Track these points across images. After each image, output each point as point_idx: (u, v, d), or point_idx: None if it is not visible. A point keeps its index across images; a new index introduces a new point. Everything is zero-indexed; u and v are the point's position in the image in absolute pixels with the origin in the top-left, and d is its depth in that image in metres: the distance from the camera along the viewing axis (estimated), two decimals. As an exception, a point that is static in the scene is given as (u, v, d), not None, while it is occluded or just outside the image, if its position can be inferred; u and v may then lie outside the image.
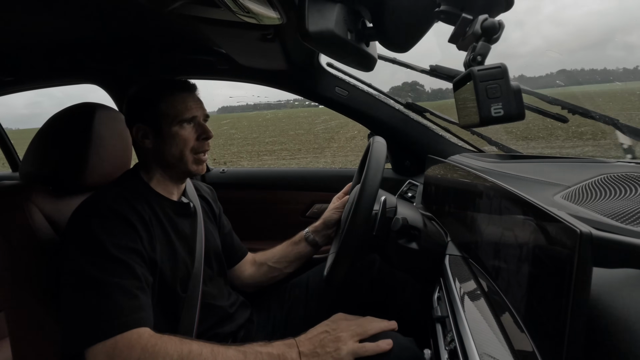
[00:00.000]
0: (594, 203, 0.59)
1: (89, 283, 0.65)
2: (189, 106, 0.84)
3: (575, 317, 0.34)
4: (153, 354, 0.62)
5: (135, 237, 0.72)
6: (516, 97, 0.47)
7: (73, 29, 1.00)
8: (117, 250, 0.68)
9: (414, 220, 0.78)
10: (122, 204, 0.75)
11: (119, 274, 0.67)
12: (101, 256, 0.67)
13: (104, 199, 0.75)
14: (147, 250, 0.74)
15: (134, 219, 0.74)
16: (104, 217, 0.71)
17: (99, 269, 0.66)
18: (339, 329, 0.72)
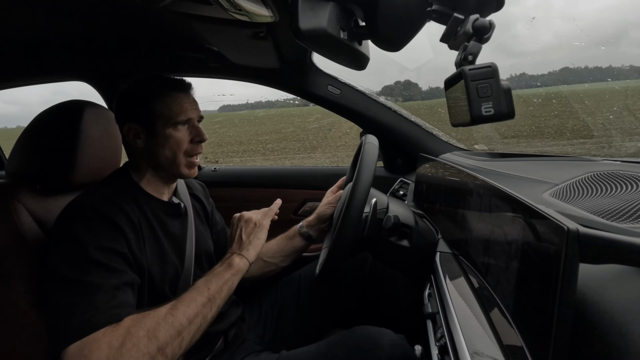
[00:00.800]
0: (581, 200, 0.61)
1: (69, 285, 0.64)
2: (184, 107, 0.82)
3: (562, 312, 0.35)
4: (120, 348, 0.59)
5: (121, 240, 0.71)
6: (506, 97, 0.48)
7: (62, 24, 0.98)
8: (99, 252, 0.67)
9: (406, 218, 0.79)
10: (109, 205, 0.73)
11: (98, 275, 0.65)
12: (82, 258, 0.66)
13: (90, 200, 0.73)
14: (133, 253, 0.72)
15: (121, 221, 0.72)
16: (89, 219, 0.69)
17: (79, 271, 0.65)
18: (248, 221, 0.87)
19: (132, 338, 0.60)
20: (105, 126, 0.88)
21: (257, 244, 0.81)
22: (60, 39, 1.09)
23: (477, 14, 0.51)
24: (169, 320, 0.64)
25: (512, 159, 1.04)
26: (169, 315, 0.65)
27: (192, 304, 0.68)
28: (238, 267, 0.77)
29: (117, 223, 0.71)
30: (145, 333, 0.62)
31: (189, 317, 0.66)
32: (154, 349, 0.61)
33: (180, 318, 0.65)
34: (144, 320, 0.63)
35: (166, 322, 0.64)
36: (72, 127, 0.81)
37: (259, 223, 0.86)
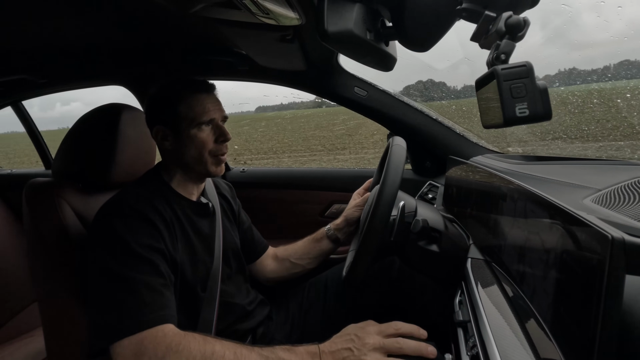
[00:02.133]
0: (627, 207, 0.57)
1: (115, 280, 0.67)
2: (207, 108, 0.84)
3: (606, 327, 0.33)
4: (177, 352, 0.62)
5: (157, 236, 0.74)
6: (542, 97, 0.45)
7: (100, 32, 1.04)
8: (141, 248, 0.70)
9: (435, 222, 0.77)
10: (143, 203, 0.76)
11: (143, 271, 0.69)
12: (126, 254, 0.69)
13: (126, 199, 0.77)
14: (169, 249, 0.75)
15: (156, 218, 0.75)
16: (127, 216, 0.73)
17: (125, 266, 0.68)
18: (366, 346, 0.65)
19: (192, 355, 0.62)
20: (141, 128, 0.93)
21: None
22: (101, 46, 1.16)
23: (510, 11, 0.49)
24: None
25: (550, 162, 0.99)
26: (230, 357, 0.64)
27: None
28: None
29: (152, 220, 0.74)
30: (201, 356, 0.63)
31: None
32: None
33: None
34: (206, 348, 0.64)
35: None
36: (110, 129, 0.86)
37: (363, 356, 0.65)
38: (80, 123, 0.88)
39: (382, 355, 0.64)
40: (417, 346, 0.66)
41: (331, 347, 0.67)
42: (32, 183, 0.81)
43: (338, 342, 0.67)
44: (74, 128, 0.88)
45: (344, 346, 0.66)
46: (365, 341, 0.65)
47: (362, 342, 0.65)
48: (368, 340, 0.65)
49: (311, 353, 0.66)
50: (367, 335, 0.66)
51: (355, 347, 0.65)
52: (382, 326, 0.68)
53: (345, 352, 0.65)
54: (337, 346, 0.66)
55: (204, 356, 0.63)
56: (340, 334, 0.69)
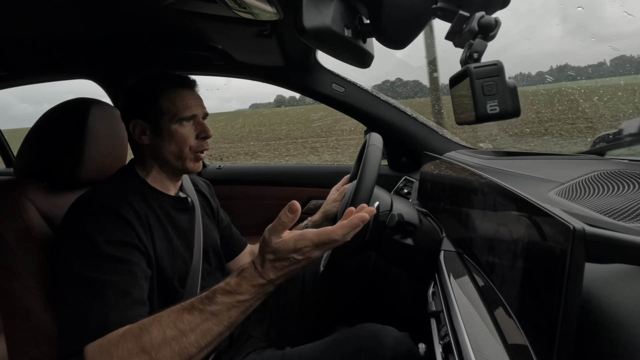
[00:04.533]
0: (587, 199, 0.60)
1: (81, 282, 0.64)
2: (189, 104, 0.83)
3: (567, 312, 0.35)
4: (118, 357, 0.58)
5: (130, 232, 0.72)
6: (512, 95, 0.47)
7: (68, 23, 0.99)
8: (110, 247, 0.67)
9: (410, 216, 0.79)
10: (115, 199, 0.73)
11: (111, 271, 0.66)
12: (94, 254, 0.66)
13: (96, 195, 0.74)
14: (144, 244, 0.73)
15: (128, 214, 0.73)
16: (97, 213, 0.70)
17: (91, 268, 0.65)
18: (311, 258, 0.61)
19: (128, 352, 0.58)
20: (112, 124, 0.89)
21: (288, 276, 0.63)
22: (67, 37, 1.10)
23: (482, 11, 0.51)
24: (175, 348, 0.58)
25: (518, 157, 1.03)
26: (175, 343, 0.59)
27: (209, 334, 0.60)
28: (266, 292, 0.63)
29: (124, 216, 0.72)
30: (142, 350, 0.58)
31: (201, 345, 0.60)
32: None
33: (189, 348, 0.59)
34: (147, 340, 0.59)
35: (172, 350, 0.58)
36: (78, 125, 0.82)
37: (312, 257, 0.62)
38: (46, 118, 0.84)
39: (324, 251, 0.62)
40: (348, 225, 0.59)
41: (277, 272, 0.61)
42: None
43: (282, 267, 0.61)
44: (39, 123, 0.84)
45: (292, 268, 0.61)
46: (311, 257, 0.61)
47: (307, 259, 0.61)
48: (313, 254, 0.61)
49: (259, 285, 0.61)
50: (309, 253, 0.60)
51: (302, 263, 0.61)
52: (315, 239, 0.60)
53: (293, 266, 0.61)
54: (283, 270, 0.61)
55: (145, 349, 0.58)
56: (277, 258, 0.61)
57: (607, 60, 2.80)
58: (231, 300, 0.61)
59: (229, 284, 0.62)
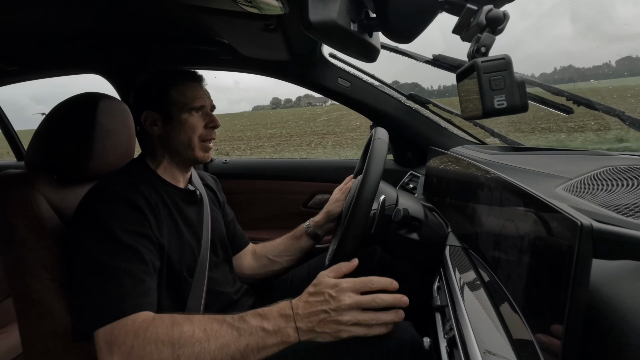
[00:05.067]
0: (596, 195, 0.60)
1: (97, 267, 0.67)
2: (198, 95, 0.87)
3: (573, 308, 0.34)
4: (145, 339, 0.60)
5: (143, 221, 0.74)
6: (520, 89, 0.47)
7: (77, 19, 1.00)
8: (125, 234, 0.70)
9: (415, 211, 0.78)
10: (129, 189, 0.76)
11: (126, 258, 0.68)
12: (110, 241, 0.68)
13: (110, 185, 0.77)
14: (155, 234, 0.75)
15: (142, 203, 0.75)
16: (111, 202, 0.72)
17: (108, 254, 0.67)
18: (342, 306, 0.62)
19: (159, 340, 0.60)
20: (119, 118, 0.90)
21: (318, 338, 0.63)
22: (76, 33, 1.11)
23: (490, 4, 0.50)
24: (196, 350, 0.60)
25: (525, 152, 1.02)
26: (198, 344, 0.60)
27: (225, 350, 0.61)
28: (286, 341, 0.63)
29: (138, 205, 0.74)
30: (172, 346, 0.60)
31: (215, 357, 0.60)
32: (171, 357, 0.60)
33: (205, 356, 0.60)
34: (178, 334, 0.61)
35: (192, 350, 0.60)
36: (87, 119, 0.83)
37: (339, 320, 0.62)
38: (55, 112, 0.85)
39: (358, 313, 0.62)
40: (392, 299, 0.64)
41: (305, 309, 0.63)
42: (4, 174, 0.78)
43: (313, 303, 0.64)
44: (49, 117, 0.85)
45: (319, 308, 0.63)
46: (341, 301, 0.62)
47: (337, 303, 0.62)
48: (344, 300, 0.62)
49: (285, 316, 0.63)
50: (342, 294, 0.63)
51: (331, 308, 0.62)
52: (357, 282, 0.65)
53: (321, 314, 0.62)
54: (311, 307, 0.63)
55: (172, 340, 0.60)
56: (314, 292, 0.65)
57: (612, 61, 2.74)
58: (256, 323, 0.63)
59: (264, 309, 0.65)
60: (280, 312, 0.64)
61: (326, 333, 0.62)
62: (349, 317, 0.62)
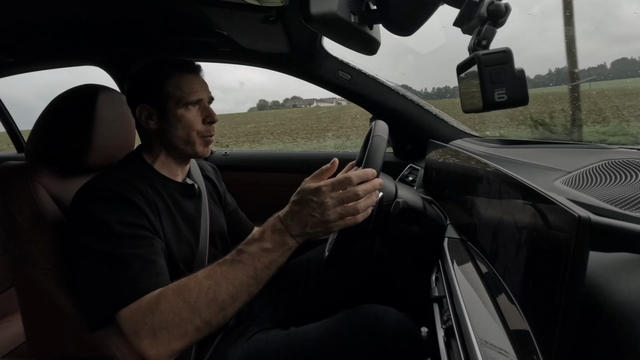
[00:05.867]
0: (594, 188, 0.60)
1: (103, 258, 0.66)
2: (195, 88, 0.83)
3: (569, 299, 0.35)
4: (161, 312, 0.62)
5: (139, 214, 0.73)
6: (520, 82, 0.47)
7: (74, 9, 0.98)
8: (124, 227, 0.69)
9: (414, 203, 0.79)
10: (123, 185, 0.74)
11: (130, 245, 0.68)
12: (109, 234, 0.68)
13: (103, 181, 0.75)
14: (154, 227, 0.75)
15: (137, 198, 0.74)
16: (105, 199, 0.71)
17: (110, 245, 0.67)
18: (326, 205, 0.65)
19: (173, 306, 0.63)
20: (119, 110, 0.90)
21: (314, 236, 0.68)
22: (74, 24, 1.10)
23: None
24: (211, 296, 0.63)
25: (524, 145, 1.02)
26: (210, 290, 0.64)
27: (237, 282, 0.65)
28: (289, 248, 0.68)
29: (133, 200, 0.73)
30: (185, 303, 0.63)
31: (233, 295, 0.65)
32: (198, 320, 0.63)
33: (223, 296, 0.64)
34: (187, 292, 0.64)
35: (207, 297, 0.63)
36: (86, 111, 0.83)
37: (328, 220, 0.66)
38: (55, 104, 0.85)
39: (342, 207, 0.65)
40: (371, 186, 0.67)
41: (294, 218, 0.67)
42: (5, 166, 0.78)
43: (299, 212, 0.67)
44: (48, 109, 0.84)
45: (306, 213, 0.66)
46: (324, 203, 0.65)
47: (321, 206, 0.65)
48: (326, 201, 0.65)
49: (278, 230, 0.67)
50: (324, 196, 0.65)
51: (317, 211, 0.65)
52: (335, 182, 0.66)
53: (309, 218, 0.66)
54: (299, 215, 0.66)
55: (185, 300, 0.63)
56: (297, 200, 0.68)
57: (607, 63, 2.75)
58: (255, 249, 0.66)
59: (254, 235, 0.68)
60: (273, 229, 0.67)
61: (318, 232, 0.67)
62: (335, 214, 0.65)
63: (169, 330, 0.61)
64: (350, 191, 0.66)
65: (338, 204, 0.65)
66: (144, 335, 0.62)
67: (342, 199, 0.66)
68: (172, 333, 0.61)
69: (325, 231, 0.67)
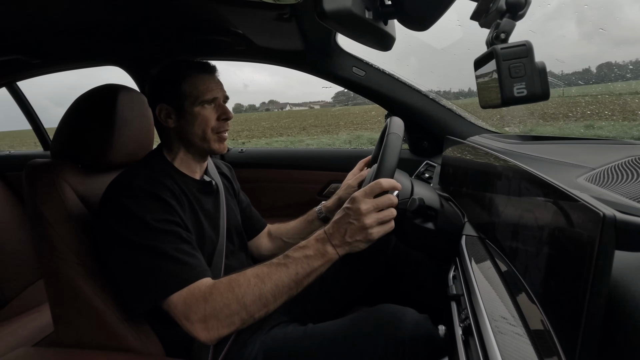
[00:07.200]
0: (620, 186, 0.58)
1: (146, 250, 0.70)
2: (210, 87, 0.87)
3: (593, 300, 0.34)
4: (213, 302, 0.68)
5: (172, 211, 0.76)
6: (541, 77, 0.45)
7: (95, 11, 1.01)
8: (159, 223, 0.73)
9: (431, 200, 0.78)
10: (153, 183, 0.78)
11: (167, 240, 0.72)
12: (146, 228, 0.71)
13: (134, 180, 0.77)
14: (184, 222, 0.78)
15: (167, 195, 0.77)
16: (138, 196, 0.74)
17: (149, 239, 0.71)
18: (361, 212, 0.71)
19: (224, 298, 0.69)
20: (139, 109, 0.92)
21: (355, 249, 0.73)
22: (96, 25, 1.13)
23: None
24: (257, 293, 0.70)
25: (545, 142, 0.99)
26: (256, 288, 0.70)
27: (280, 284, 0.71)
28: (329, 258, 0.73)
29: (164, 198, 0.76)
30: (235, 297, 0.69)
31: (275, 294, 0.71)
32: (244, 313, 0.69)
33: (266, 294, 0.70)
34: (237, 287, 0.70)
35: (254, 294, 0.70)
36: (107, 110, 0.85)
37: (366, 227, 0.71)
38: (77, 104, 0.88)
39: (376, 213, 0.71)
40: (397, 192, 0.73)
41: (334, 228, 0.73)
42: (32, 164, 0.81)
43: (338, 221, 0.74)
44: (71, 109, 0.88)
45: (344, 222, 0.72)
46: (359, 209, 0.71)
47: (357, 211, 0.71)
48: (360, 207, 0.71)
49: (321, 240, 0.74)
50: (357, 204, 0.71)
51: (353, 218, 0.71)
52: (367, 189, 0.72)
53: (348, 226, 0.72)
54: (339, 225, 0.73)
55: (235, 294, 0.69)
56: (340, 211, 0.75)
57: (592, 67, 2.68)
58: (299, 254, 0.73)
59: (302, 243, 0.75)
60: (317, 238, 0.74)
61: (358, 241, 0.72)
62: (370, 220, 0.70)
63: (219, 319, 0.68)
64: (385, 197, 0.71)
65: (374, 210, 0.71)
66: (195, 319, 0.68)
67: (377, 205, 0.71)
68: (221, 321, 0.68)
69: (364, 239, 0.71)
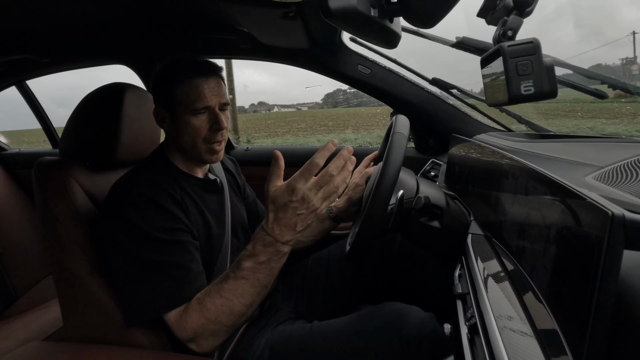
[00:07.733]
0: (629, 184, 0.57)
1: (141, 264, 0.71)
2: (203, 95, 0.80)
3: (602, 299, 0.34)
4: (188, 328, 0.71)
5: (172, 217, 0.76)
6: (549, 74, 0.45)
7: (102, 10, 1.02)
8: (161, 232, 0.73)
9: (437, 198, 0.78)
10: (153, 189, 0.77)
11: (167, 252, 0.73)
12: (149, 240, 0.72)
13: (135, 185, 0.77)
14: (187, 225, 0.78)
15: (168, 202, 0.77)
16: (138, 204, 0.74)
17: (151, 252, 0.72)
18: (309, 201, 0.67)
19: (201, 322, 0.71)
20: (145, 107, 0.93)
21: (306, 233, 0.73)
22: (103, 23, 1.14)
23: (519, -15, 0.48)
24: (227, 311, 0.71)
25: (553, 140, 0.98)
26: (225, 307, 0.71)
27: (246, 294, 0.72)
28: (283, 253, 0.72)
29: (165, 206, 0.76)
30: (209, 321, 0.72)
31: (247, 303, 0.72)
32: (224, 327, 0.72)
33: (238, 307, 0.72)
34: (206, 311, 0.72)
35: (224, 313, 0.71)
36: (114, 109, 0.86)
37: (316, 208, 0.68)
38: (84, 103, 0.89)
39: (322, 192, 0.67)
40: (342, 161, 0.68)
41: (280, 227, 0.69)
42: (41, 161, 0.82)
43: (283, 218, 0.68)
44: (79, 108, 0.88)
45: (293, 214, 0.67)
46: (304, 195, 0.66)
47: (303, 200, 0.66)
48: (305, 193, 0.66)
49: (268, 244, 0.70)
50: (299, 191, 0.66)
51: (303, 208, 0.67)
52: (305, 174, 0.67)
53: (296, 217, 0.67)
54: (285, 221, 0.68)
55: (207, 317, 0.71)
56: (277, 209, 0.68)
57: None
58: (252, 263, 0.71)
59: (247, 249, 0.73)
60: (263, 243, 0.70)
61: (310, 224, 0.69)
62: (318, 200, 0.67)
63: (204, 336, 0.71)
64: (322, 173, 0.67)
65: (317, 190, 0.66)
66: (184, 336, 0.72)
67: (318, 184, 0.66)
68: (207, 338, 0.72)
69: (315, 218, 0.69)
